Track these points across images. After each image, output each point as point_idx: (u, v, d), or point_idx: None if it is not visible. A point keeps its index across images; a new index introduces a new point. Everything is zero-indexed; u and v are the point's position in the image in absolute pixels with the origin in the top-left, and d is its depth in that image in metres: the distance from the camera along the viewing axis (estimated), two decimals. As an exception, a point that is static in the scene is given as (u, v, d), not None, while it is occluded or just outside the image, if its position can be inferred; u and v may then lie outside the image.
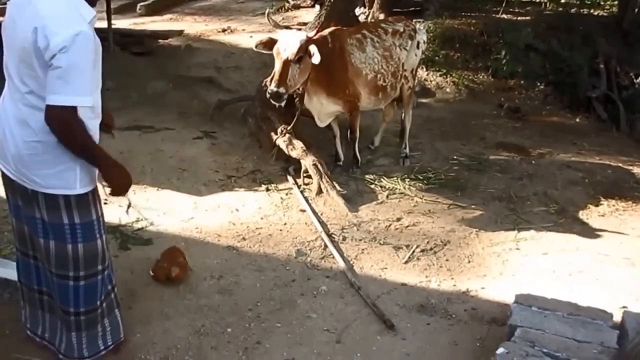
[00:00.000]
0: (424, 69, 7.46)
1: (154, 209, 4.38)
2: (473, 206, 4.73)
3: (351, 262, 3.90)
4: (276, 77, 4.23)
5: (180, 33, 8.87)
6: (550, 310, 3.13)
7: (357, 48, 4.85)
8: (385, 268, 3.87)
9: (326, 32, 4.73)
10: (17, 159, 2.45)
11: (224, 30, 9.17)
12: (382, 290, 3.63)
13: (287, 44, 4.25)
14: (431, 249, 4.12)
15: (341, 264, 3.83)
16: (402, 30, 5.14)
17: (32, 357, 2.91)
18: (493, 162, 5.55)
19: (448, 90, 7.47)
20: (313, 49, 4.22)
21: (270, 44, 4.37)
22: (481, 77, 7.83)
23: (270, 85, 4.26)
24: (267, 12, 4.57)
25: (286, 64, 4.22)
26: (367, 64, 4.86)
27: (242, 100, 6.17)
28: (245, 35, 8.90)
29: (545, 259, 4.07)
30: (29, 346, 2.94)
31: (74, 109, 2.32)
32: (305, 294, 3.54)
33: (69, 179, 2.46)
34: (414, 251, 4.05)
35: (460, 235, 4.31)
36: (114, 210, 4.30)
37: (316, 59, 4.19)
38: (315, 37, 4.38)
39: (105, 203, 4.36)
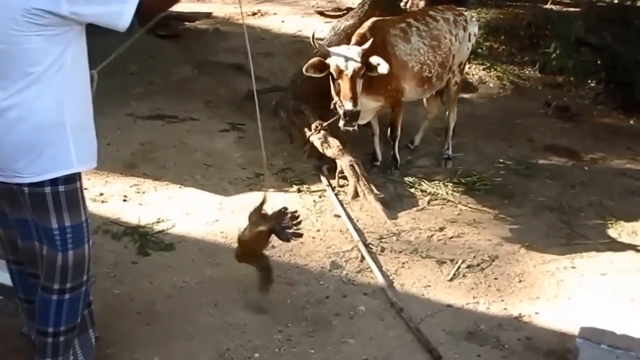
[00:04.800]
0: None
1: (177, 208, 4.06)
2: (522, 216, 4.32)
3: (391, 278, 3.53)
4: (349, 94, 3.97)
5: (208, 15, 8.52)
6: (623, 349, 2.74)
7: (401, 39, 4.47)
8: (429, 286, 3.50)
9: (365, 27, 4.34)
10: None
11: (254, 14, 8.78)
12: (426, 312, 3.26)
13: (348, 60, 3.97)
14: (478, 264, 3.73)
15: (380, 279, 3.47)
16: (452, 19, 4.77)
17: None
18: (542, 166, 5.13)
19: (492, 85, 7.00)
20: (375, 59, 3.99)
21: (321, 66, 4.09)
22: (528, 72, 7.32)
23: (344, 105, 3.98)
24: (312, 34, 4.14)
25: (353, 79, 3.97)
26: (412, 56, 4.48)
27: (273, 90, 5.79)
28: (276, 19, 8.52)
29: (604, 281, 3.67)
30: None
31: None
32: (341, 313, 3.19)
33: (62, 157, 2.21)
34: (459, 267, 3.68)
35: (509, 249, 3.92)
36: (132, 209, 4.02)
37: (384, 68, 3.96)
38: (369, 48, 4.06)
39: (124, 200, 4.16)
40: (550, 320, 3.28)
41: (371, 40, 4.07)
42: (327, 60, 4.06)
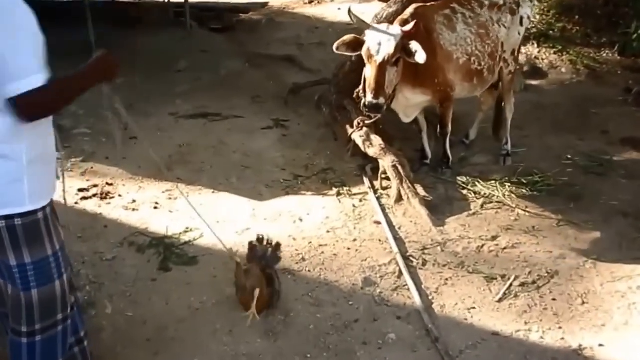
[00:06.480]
0: (535, 45, 6.43)
1: (207, 216, 3.79)
2: (590, 223, 3.82)
3: (430, 298, 3.16)
4: (372, 85, 3.56)
5: (264, 5, 8.32)
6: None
7: (445, 27, 4.05)
8: (473, 308, 3.11)
9: (407, 13, 3.93)
10: None
11: (310, 2, 8.50)
12: (467, 342, 2.87)
13: (381, 44, 3.56)
14: (534, 282, 3.29)
15: (417, 300, 3.11)
16: (501, 2, 4.28)
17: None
18: (617, 163, 4.56)
19: (564, 70, 6.37)
20: (415, 45, 3.52)
21: (355, 44, 3.69)
22: (605, 54, 6.64)
23: (366, 96, 3.61)
24: (349, 9, 3.80)
25: (382, 68, 3.55)
26: (458, 46, 4.05)
27: (319, 83, 5.51)
28: (333, 6, 8.19)
29: (685, 305, 3.14)
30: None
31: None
32: (369, 342, 2.86)
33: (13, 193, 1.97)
34: (511, 284, 3.25)
35: (573, 264, 3.44)
36: (162, 218, 3.85)
37: (420, 57, 3.50)
38: (410, 30, 3.63)
39: (155, 208, 3.99)
40: (617, 355, 2.82)
41: (414, 22, 3.65)
42: (364, 37, 3.67)
